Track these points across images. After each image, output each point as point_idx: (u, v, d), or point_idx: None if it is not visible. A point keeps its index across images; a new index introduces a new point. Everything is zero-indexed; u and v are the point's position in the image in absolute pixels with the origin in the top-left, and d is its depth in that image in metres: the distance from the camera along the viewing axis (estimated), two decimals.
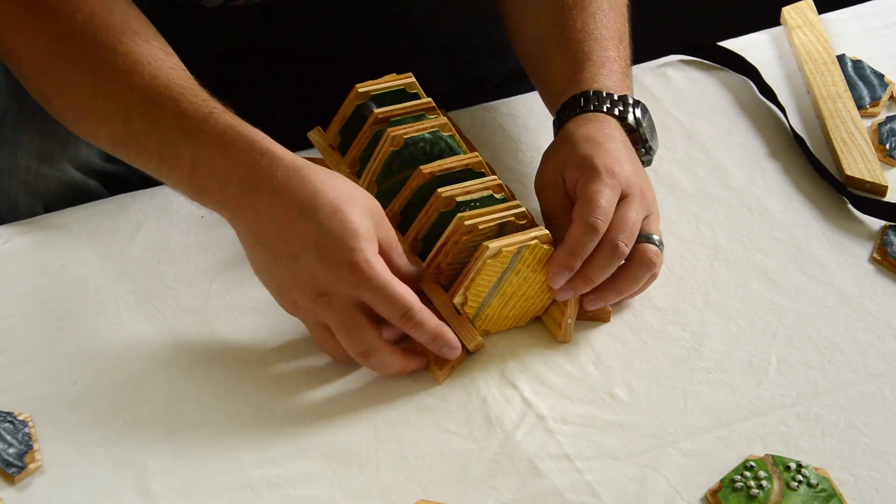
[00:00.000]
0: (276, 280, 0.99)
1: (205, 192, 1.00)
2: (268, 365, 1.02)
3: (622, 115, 1.08)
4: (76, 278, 1.07)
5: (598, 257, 1.01)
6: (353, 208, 0.97)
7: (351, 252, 0.95)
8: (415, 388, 1.00)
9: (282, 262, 0.98)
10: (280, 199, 0.97)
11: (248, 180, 0.98)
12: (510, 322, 1.04)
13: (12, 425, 0.96)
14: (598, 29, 1.11)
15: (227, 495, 0.93)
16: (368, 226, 0.97)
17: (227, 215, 1.00)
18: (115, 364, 1.01)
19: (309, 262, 0.96)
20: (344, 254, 0.95)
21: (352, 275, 0.95)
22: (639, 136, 1.09)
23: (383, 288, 0.96)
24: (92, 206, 1.13)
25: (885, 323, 1.06)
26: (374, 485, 0.94)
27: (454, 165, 1.06)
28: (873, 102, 1.24)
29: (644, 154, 1.10)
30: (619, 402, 1.00)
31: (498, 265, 1.00)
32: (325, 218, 0.96)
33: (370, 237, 0.97)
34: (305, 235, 0.96)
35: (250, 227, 0.98)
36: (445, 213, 1.03)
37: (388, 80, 1.13)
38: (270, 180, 0.97)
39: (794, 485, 0.94)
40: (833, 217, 1.14)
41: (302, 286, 0.97)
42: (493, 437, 0.97)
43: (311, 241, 0.96)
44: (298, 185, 0.97)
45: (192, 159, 0.99)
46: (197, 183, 0.99)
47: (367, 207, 0.99)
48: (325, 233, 0.96)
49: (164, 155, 1.00)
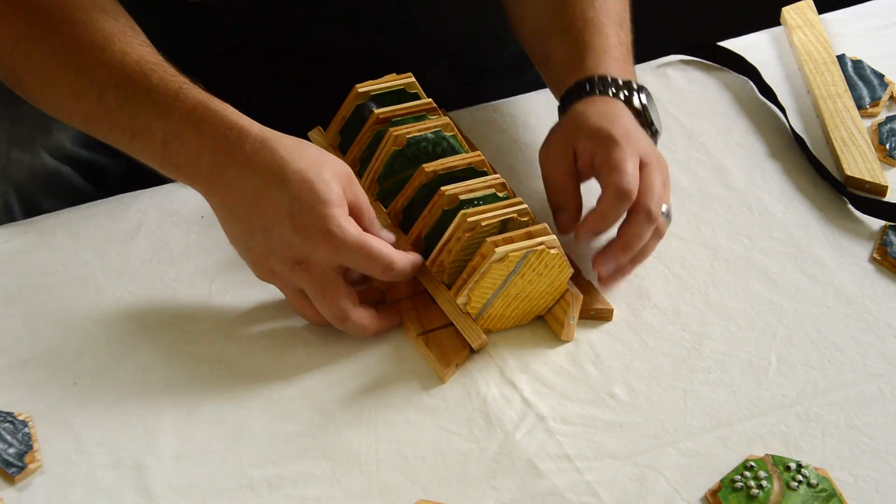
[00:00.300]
0: (252, 250, 1.01)
1: (177, 167, 1.01)
2: (268, 365, 1.02)
3: (628, 99, 1.09)
4: (76, 278, 1.07)
5: (633, 225, 1.03)
6: (321, 175, 0.98)
7: (324, 220, 0.97)
8: (415, 387, 1.00)
9: (256, 234, 0.99)
10: (250, 172, 0.98)
11: (218, 154, 0.99)
12: (512, 322, 1.04)
13: (12, 425, 0.96)
14: (597, 16, 1.13)
15: (227, 495, 0.93)
16: (338, 191, 0.99)
17: (199, 189, 1.01)
18: (115, 364, 1.01)
19: (284, 233, 0.98)
20: (317, 222, 0.97)
21: (328, 242, 0.98)
22: (645, 119, 1.10)
23: (361, 248, 0.98)
24: (92, 206, 1.13)
25: (885, 323, 1.06)
26: (374, 485, 0.94)
27: (457, 164, 1.06)
28: (873, 102, 1.24)
29: (650, 136, 1.11)
30: (619, 402, 1.00)
31: (503, 269, 1.00)
32: (296, 188, 0.97)
33: (341, 202, 0.99)
34: (278, 207, 0.98)
35: (223, 201, 1.00)
36: (449, 210, 1.03)
37: (388, 80, 1.13)
38: (239, 154, 0.99)
39: (794, 485, 0.94)
40: (833, 217, 1.14)
41: (278, 256, 0.99)
42: (493, 437, 0.97)
43: (284, 212, 0.98)
44: (267, 156, 0.98)
45: (164, 135, 1.00)
46: (169, 158, 1.01)
47: (335, 171, 1.00)
48: (296, 203, 0.97)
49: (136, 130, 1.01)
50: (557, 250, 1.01)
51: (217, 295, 1.06)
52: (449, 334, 1.03)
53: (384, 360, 1.02)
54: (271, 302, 1.05)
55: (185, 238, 1.10)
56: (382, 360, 1.02)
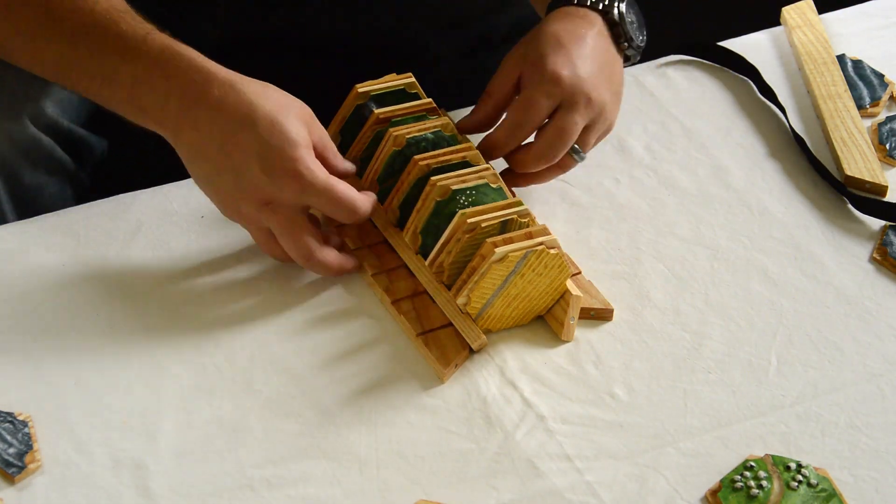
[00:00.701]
0: (220, 191, 1.03)
1: (145, 111, 1.03)
2: (268, 365, 1.02)
3: (606, 10, 1.11)
4: (76, 278, 1.07)
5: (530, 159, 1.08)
6: (288, 118, 1.01)
7: (292, 162, 1.00)
8: (415, 388, 1.00)
9: (225, 175, 1.02)
10: (219, 115, 1.01)
11: (186, 97, 1.01)
12: (512, 322, 1.04)
13: (12, 425, 0.96)
14: None
15: (227, 495, 0.93)
16: (304, 133, 1.02)
17: (167, 133, 1.03)
18: (115, 364, 1.01)
19: (252, 174, 1.00)
20: (286, 164, 1.00)
21: (296, 183, 1.00)
22: (621, 30, 1.12)
23: (327, 191, 1.01)
24: (92, 206, 1.13)
25: (885, 323, 1.06)
26: (374, 485, 0.94)
27: (451, 158, 1.06)
28: (873, 102, 1.24)
29: (628, 48, 1.13)
30: (619, 402, 1.00)
31: (503, 269, 1.00)
32: (264, 130, 1.00)
33: (307, 143, 1.01)
34: (247, 148, 1.00)
35: (191, 143, 1.02)
36: (442, 202, 1.04)
37: (388, 80, 1.13)
38: (208, 96, 1.01)
39: (794, 485, 0.94)
40: (833, 217, 1.14)
41: (247, 197, 1.02)
42: (493, 437, 0.97)
43: (253, 154, 1.00)
44: (235, 99, 1.01)
45: (132, 79, 1.02)
46: (137, 103, 1.03)
47: (300, 114, 1.03)
48: (265, 145, 1.00)
49: (105, 76, 1.03)
50: (557, 250, 1.01)
51: (217, 295, 1.06)
52: (449, 334, 1.03)
53: (384, 360, 1.02)
54: (271, 302, 1.05)
55: (185, 238, 1.10)
56: (382, 360, 1.02)
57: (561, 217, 1.14)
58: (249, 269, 1.08)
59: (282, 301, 1.05)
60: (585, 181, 1.17)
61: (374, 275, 1.06)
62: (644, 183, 1.17)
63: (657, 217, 1.14)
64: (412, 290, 1.05)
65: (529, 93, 1.07)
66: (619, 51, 1.13)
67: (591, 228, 1.13)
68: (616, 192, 1.16)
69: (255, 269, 1.08)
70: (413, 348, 1.03)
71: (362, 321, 1.05)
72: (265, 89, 1.02)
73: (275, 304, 1.05)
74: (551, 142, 1.07)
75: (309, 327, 1.04)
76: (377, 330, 1.04)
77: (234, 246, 1.09)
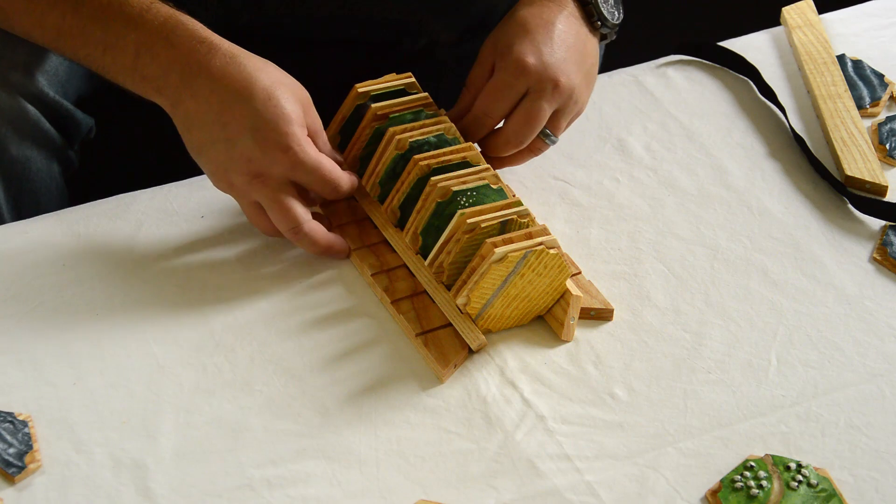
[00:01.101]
0: (213, 161, 1.04)
1: (147, 79, 1.04)
2: (268, 365, 1.02)
3: None
4: (76, 278, 1.07)
5: (500, 144, 1.10)
6: (285, 95, 1.03)
7: (285, 136, 1.02)
8: (415, 388, 1.00)
9: (218, 144, 1.03)
10: (218, 85, 1.02)
11: (188, 67, 1.03)
12: (512, 322, 1.04)
13: (12, 425, 0.96)
14: None
15: (227, 495, 0.93)
16: (298, 111, 1.03)
17: (166, 102, 1.04)
18: (114, 364, 1.01)
19: (245, 146, 1.02)
20: (278, 138, 1.02)
21: (287, 158, 1.02)
22: (594, 9, 1.13)
23: (316, 168, 1.03)
24: (92, 206, 1.13)
25: (885, 323, 1.06)
26: (374, 485, 0.94)
27: (451, 158, 1.06)
28: (873, 102, 1.24)
29: (602, 27, 1.14)
30: (619, 402, 1.00)
31: (503, 269, 1.00)
32: (261, 104, 1.02)
33: (301, 122, 1.03)
34: (242, 120, 1.02)
35: (188, 112, 1.03)
36: (443, 203, 1.04)
37: (388, 79, 1.13)
38: (209, 67, 1.03)
39: (794, 485, 0.94)
40: (833, 217, 1.14)
41: (238, 168, 1.03)
42: (493, 437, 0.97)
43: (248, 126, 1.02)
44: (235, 71, 1.02)
45: (136, 47, 1.03)
46: (140, 71, 1.04)
47: (297, 94, 1.04)
48: (260, 118, 1.02)
49: (108, 43, 1.04)
50: (557, 250, 1.01)
51: (217, 295, 1.06)
52: (448, 335, 1.03)
53: (384, 360, 1.02)
54: (271, 302, 1.05)
55: (185, 238, 1.10)
56: (382, 360, 1.02)
57: (561, 217, 1.14)
58: (250, 269, 1.08)
59: (282, 301, 1.05)
60: (585, 181, 1.17)
61: (374, 275, 1.06)
62: (644, 183, 1.17)
63: (657, 217, 1.14)
64: (412, 290, 1.05)
65: (495, 81, 1.10)
66: (594, 30, 1.14)
67: (591, 228, 1.13)
68: (616, 192, 1.16)
69: (255, 269, 1.08)
70: (413, 348, 1.03)
71: (362, 321, 1.05)
72: (266, 65, 1.04)
73: (275, 305, 1.05)
74: (518, 128, 1.09)
75: (309, 327, 1.04)
76: (377, 330, 1.04)
77: (235, 246, 1.09)
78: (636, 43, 1.18)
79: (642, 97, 1.25)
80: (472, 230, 1.01)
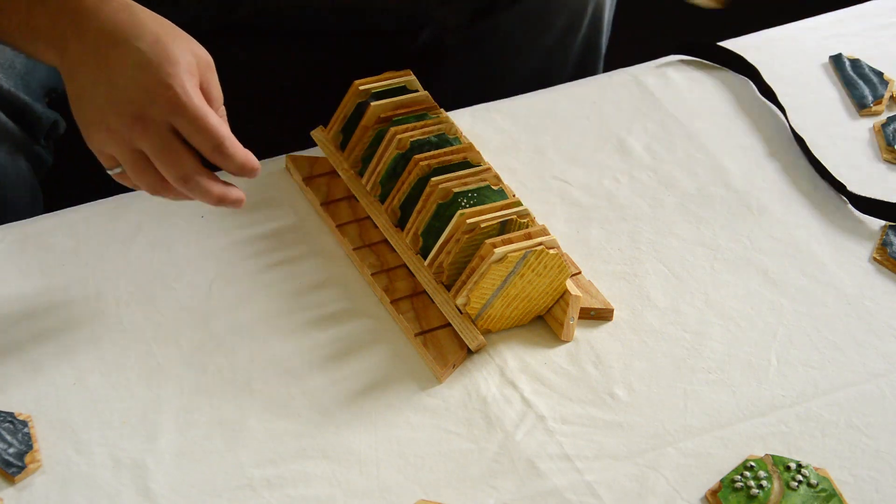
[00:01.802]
0: (91, 105, 1.00)
1: (37, 31, 1.01)
2: (268, 365, 1.02)
3: None
4: (76, 278, 1.07)
5: None
6: (176, 41, 0.98)
7: (168, 77, 0.97)
8: (415, 388, 1.00)
9: (99, 86, 0.99)
10: (106, 27, 0.99)
11: (77, 14, 0.99)
12: (512, 322, 1.04)
13: (12, 425, 0.96)
14: None
15: (227, 495, 0.93)
16: (190, 60, 0.99)
17: (56, 55, 1.01)
18: (114, 364, 1.01)
19: (126, 86, 0.98)
20: (162, 78, 0.97)
21: (167, 99, 0.97)
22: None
23: (199, 118, 0.97)
24: (92, 206, 1.13)
25: (885, 323, 1.06)
26: (374, 485, 0.94)
27: (451, 158, 1.06)
28: (876, 101, 1.24)
29: None
30: (619, 402, 1.00)
31: (503, 269, 1.00)
32: (147, 45, 0.98)
33: (190, 70, 0.98)
34: (126, 59, 0.98)
35: (73, 57, 1.00)
36: (443, 204, 1.04)
37: (388, 76, 1.13)
38: (98, 13, 0.99)
39: (794, 485, 0.94)
40: (833, 217, 1.14)
41: (117, 110, 0.98)
42: (493, 437, 0.97)
43: (130, 65, 0.98)
44: (126, 17, 0.99)
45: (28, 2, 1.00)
46: (31, 23, 1.01)
47: (194, 51, 1.00)
48: (145, 58, 0.97)
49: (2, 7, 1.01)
50: (556, 250, 1.01)
51: (217, 295, 1.06)
52: (447, 335, 1.03)
53: (384, 360, 1.02)
54: (271, 302, 1.05)
55: (185, 238, 1.10)
56: (382, 360, 1.02)
57: (561, 217, 1.14)
58: (249, 269, 1.08)
59: (281, 301, 1.05)
60: (585, 181, 1.17)
61: (374, 274, 1.06)
62: (644, 183, 1.17)
63: (657, 217, 1.14)
64: (411, 290, 1.05)
65: None
66: None
67: (591, 228, 1.13)
68: (616, 192, 1.16)
69: (254, 270, 1.08)
70: (412, 348, 1.03)
71: (362, 321, 1.05)
72: (162, 19, 1.01)
73: (274, 305, 1.05)
74: None
75: (309, 327, 1.04)
76: (377, 330, 1.04)
77: (235, 246, 1.09)
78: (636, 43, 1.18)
79: (642, 97, 1.25)
80: (471, 230, 1.01)
